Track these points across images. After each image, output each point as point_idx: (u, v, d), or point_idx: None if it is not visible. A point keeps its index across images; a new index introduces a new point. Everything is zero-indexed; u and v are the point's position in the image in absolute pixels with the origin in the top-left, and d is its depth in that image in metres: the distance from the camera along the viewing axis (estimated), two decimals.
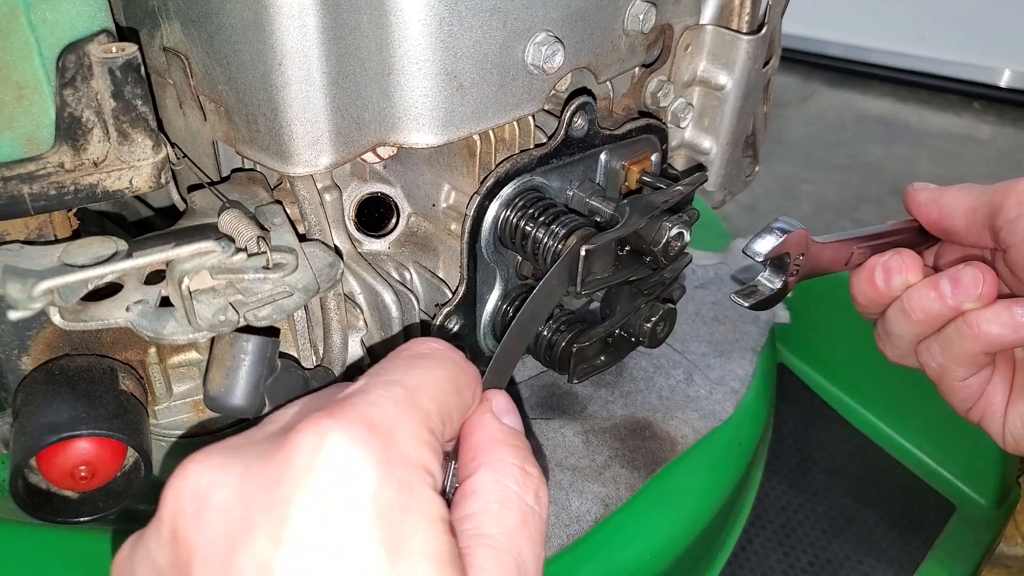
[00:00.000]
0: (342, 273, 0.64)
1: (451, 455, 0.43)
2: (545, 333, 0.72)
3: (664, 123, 0.77)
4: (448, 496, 0.42)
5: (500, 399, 0.46)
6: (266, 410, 0.60)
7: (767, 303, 0.67)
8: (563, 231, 0.64)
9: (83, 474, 0.58)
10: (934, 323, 0.63)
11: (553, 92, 0.66)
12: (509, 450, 0.43)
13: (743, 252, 0.64)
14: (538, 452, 0.77)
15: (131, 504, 0.61)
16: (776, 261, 0.65)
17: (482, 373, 0.48)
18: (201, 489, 0.36)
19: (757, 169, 0.93)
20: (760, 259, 0.63)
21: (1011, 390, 0.67)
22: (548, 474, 0.76)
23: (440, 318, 0.68)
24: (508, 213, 0.66)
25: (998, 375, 0.67)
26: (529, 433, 0.79)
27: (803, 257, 0.65)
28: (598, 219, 0.69)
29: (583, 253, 0.61)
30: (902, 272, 0.65)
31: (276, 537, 0.34)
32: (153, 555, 0.37)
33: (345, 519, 0.34)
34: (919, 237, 0.70)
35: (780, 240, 0.63)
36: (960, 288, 0.61)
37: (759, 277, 0.66)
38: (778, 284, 0.65)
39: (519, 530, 0.40)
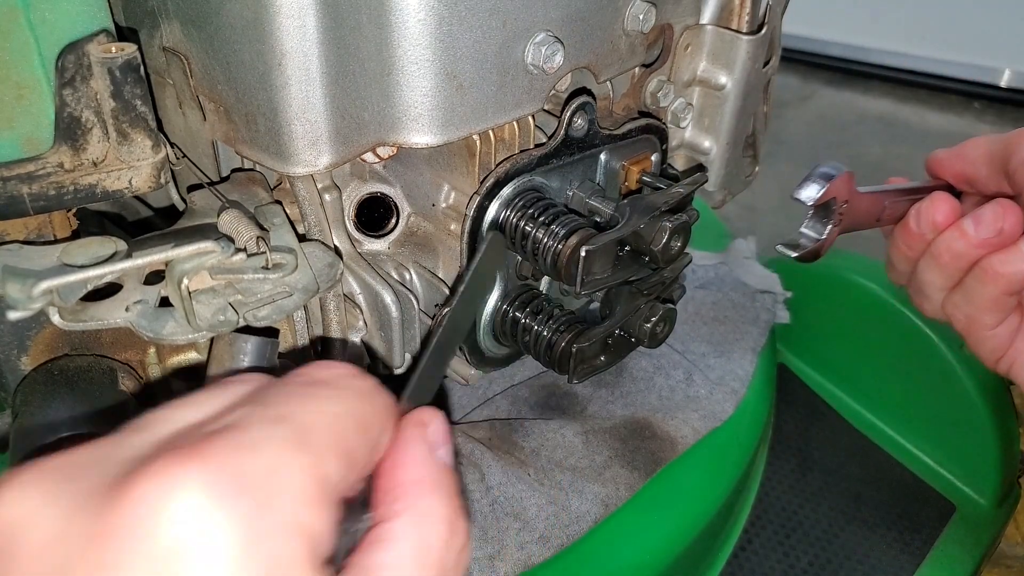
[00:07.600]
0: (342, 273, 0.64)
1: (359, 499, 0.36)
2: (545, 333, 0.72)
3: (664, 123, 0.77)
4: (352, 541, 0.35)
5: (436, 425, 0.38)
6: None
7: (813, 255, 0.65)
8: (563, 231, 0.64)
9: None
10: (961, 266, 0.63)
11: (553, 92, 0.66)
12: (439, 499, 0.35)
13: (793, 198, 0.63)
14: (536, 453, 0.77)
15: None
16: (820, 209, 0.64)
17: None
18: (15, 522, 0.29)
19: (757, 169, 0.93)
20: (810, 205, 0.62)
21: None
22: (546, 475, 0.76)
23: (440, 318, 0.68)
24: (508, 213, 0.66)
25: None
26: (527, 434, 0.79)
27: (847, 205, 0.64)
28: (598, 219, 0.69)
29: (583, 254, 0.61)
30: (934, 214, 0.64)
31: None
32: None
33: None
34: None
35: (825, 187, 0.62)
36: (982, 225, 0.60)
37: (802, 228, 0.65)
38: (823, 233, 0.64)
39: None
